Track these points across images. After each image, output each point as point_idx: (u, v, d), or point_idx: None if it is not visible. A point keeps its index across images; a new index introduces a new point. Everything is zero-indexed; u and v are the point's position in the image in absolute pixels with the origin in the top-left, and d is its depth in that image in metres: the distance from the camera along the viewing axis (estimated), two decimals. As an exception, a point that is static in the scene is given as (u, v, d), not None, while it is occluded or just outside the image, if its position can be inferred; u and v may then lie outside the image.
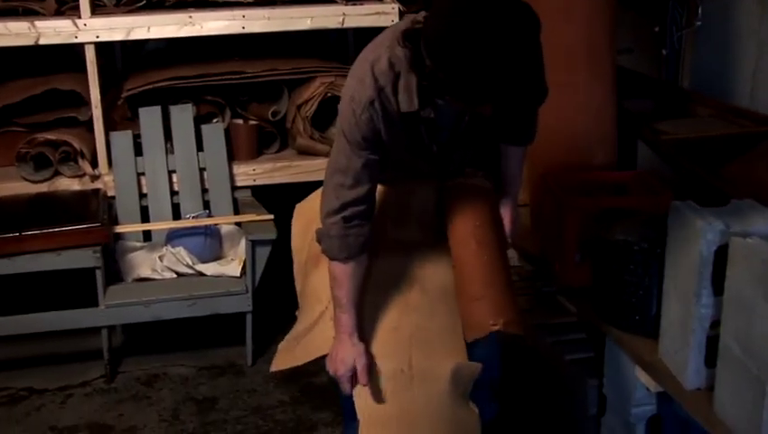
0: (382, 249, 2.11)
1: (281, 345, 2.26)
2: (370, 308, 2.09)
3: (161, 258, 3.20)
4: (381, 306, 2.10)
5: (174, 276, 3.19)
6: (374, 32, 3.46)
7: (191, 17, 3.25)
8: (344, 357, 2.02)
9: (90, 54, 3.20)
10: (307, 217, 2.33)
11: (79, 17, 3.17)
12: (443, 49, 1.67)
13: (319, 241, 2.02)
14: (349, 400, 2.12)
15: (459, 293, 2.06)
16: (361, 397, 2.04)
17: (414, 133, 1.95)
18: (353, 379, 2.03)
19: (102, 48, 3.34)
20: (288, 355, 2.22)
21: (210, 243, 3.26)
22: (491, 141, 2.17)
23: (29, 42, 3.16)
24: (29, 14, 3.26)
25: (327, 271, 2.08)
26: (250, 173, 3.45)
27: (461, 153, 2.10)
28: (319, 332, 2.16)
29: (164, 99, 3.39)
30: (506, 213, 2.18)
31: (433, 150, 2.02)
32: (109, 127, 3.33)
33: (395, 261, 2.13)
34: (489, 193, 2.15)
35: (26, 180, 3.27)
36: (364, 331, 2.07)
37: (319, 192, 2.32)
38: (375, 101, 1.86)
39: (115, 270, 3.20)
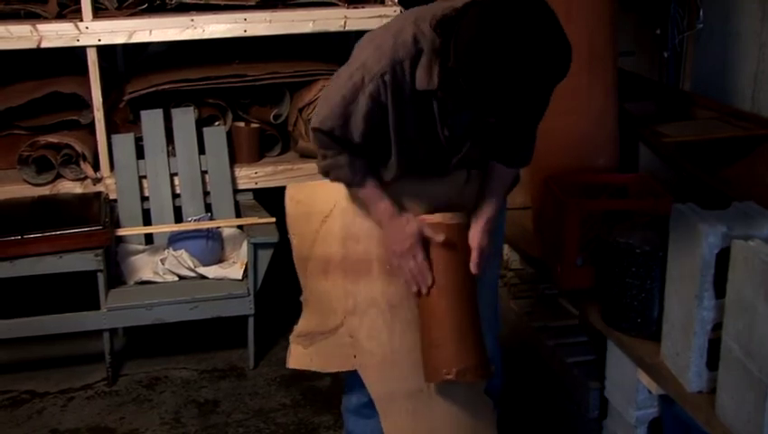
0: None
1: (293, 339, 2.27)
2: (387, 330, 2.13)
3: (163, 261, 3.20)
4: (397, 326, 2.14)
5: (176, 279, 3.20)
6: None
7: (192, 20, 3.26)
8: (400, 235, 2.00)
9: (92, 57, 3.21)
10: (306, 208, 2.26)
11: (81, 20, 3.17)
12: (470, 61, 1.64)
13: (327, 175, 2.02)
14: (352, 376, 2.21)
15: (421, 337, 2.09)
16: (387, 418, 2.14)
17: (425, 114, 1.90)
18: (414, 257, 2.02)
19: (104, 51, 3.34)
20: (304, 356, 2.24)
21: (211, 246, 3.27)
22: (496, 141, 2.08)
23: (31, 45, 3.16)
24: (31, 17, 3.26)
25: (338, 282, 2.13)
26: (252, 176, 3.46)
27: (471, 144, 2.01)
28: (336, 346, 2.18)
29: (166, 101, 3.39)
30: (474, 241, 2.07)
31: (444, 134, 1.94)
32: (111, 129, 3.34)
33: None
34: (457, 230, 2.07)
35: (28, 183, 3.27)
36: (384, 353, 2.13)
37: (315, 183, 2.28)
38: (387, 74, 1.81)
39: (116, 273, 3.20)
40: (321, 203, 2.19)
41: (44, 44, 3.17)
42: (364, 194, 2.04)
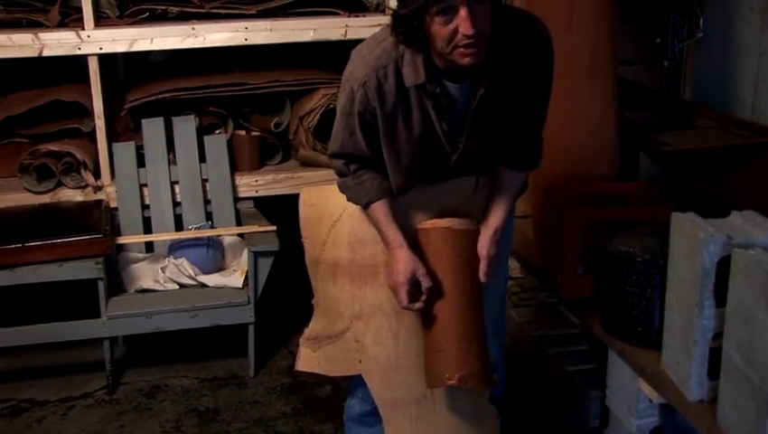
0: None
1: (302, 342, 2.29)
2: (392, 336, 2.15)
3: (163, 269, 3.20)
4: (402, 332, 2.15)
5: (176, 287, 3.20)
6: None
7: (193, 29, 3.27)
8: (402, 267, 2.02)
9: (94, 66, 3.21)
10: (318, 211, 2.27)
11: (83, 29, 3.18)
12: None
13: (344, 193, 2.08)
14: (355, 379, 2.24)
15: (424, 341, 2.10)
16: (391, 424, 2.17)
17: (421, 114, 1.92)
18: (410, 294, 2.03)
19: (105, 59, 3.35)
20: (312, 359, 2.26)
21: (212, 254, 3.27)
22: (500, 139, 2.04)
23: (33, 53, 3.17)
24: (33, 25, 3.27)
25: (346, 286, 2.16)
26: (253, 184, 3.46)
27: (473, 140, 1.98)
28: (342, 350, 2.20)
29: (167, 110, 3.40)
30: (483, 249, 2.07)
31: (443, 129, 1.94)
32: (112, 138, 3.34)
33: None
34: (465, 236, 2.07)
35: (29, 191, 3.28)
36: (389, 359, 2.15)
37: (328, 187, 2.31)
38: (370, 80, 1.87)
39: (117, 282, 3.20)
40: (331, 207, 2.20)
41: (46, 53, 3.18)
42: (372, 218, 2.08)
